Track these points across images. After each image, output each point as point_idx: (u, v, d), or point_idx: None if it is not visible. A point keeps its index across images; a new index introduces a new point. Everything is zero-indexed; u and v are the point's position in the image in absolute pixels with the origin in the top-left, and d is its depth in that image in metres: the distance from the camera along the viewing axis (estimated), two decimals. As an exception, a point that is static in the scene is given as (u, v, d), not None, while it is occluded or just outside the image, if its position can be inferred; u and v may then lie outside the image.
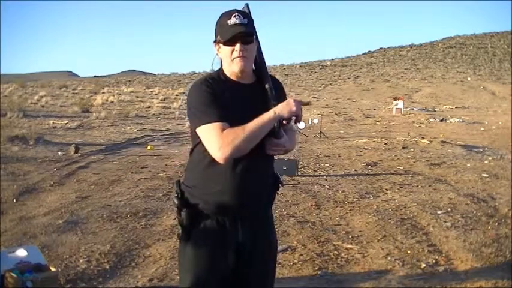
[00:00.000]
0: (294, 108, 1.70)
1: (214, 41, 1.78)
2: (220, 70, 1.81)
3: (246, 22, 1.72)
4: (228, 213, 1.77)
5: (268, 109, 1.73)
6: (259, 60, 1.81)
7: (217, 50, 1.78)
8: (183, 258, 1.83)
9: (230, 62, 1.74)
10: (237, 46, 1.70)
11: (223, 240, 1.77)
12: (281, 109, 1.70)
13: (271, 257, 1.93)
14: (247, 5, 1.80)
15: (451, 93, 36.21)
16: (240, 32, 1.69)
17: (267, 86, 1.78)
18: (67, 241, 4.07)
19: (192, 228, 1.78)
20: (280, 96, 1.82)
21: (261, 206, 1.87)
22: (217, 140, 1.64)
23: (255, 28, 1.78)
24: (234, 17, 1.71)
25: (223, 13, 1.76)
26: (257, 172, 1.79)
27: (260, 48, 1.81)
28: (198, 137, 1.73)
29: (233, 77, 1.78)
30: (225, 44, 1.72)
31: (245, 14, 1.75)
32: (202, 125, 1.68)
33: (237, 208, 1.76)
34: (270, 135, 1.72)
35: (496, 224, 4.65)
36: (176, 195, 1.79)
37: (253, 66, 1.82)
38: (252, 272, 1.84)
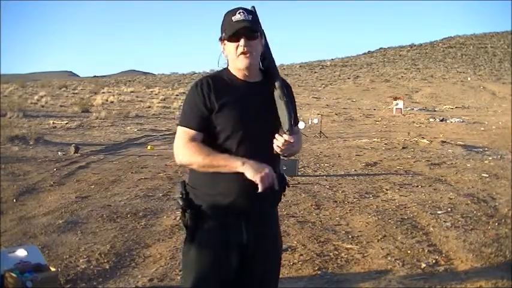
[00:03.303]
0: (258, 178, 1.63)
1: (220, 39, 1.78)
2: (226, 68, 1.81)
3: (250, 18, 1.72)
4: (232, 214, 1.76)
5: (274, 107, 1.74)
6: (268, 57, 1.81)
7: (223, 48, 1.78)
8: (186, 258, 1.82)
9: (235, 58, 1.74)
10: (242, 42, 1.70)
11: (227, 241, 1.77)
12: (251, 166, 1.65)
13: (275, 258, 1.92)
14: (253, 7, 1.80)
15: (451, 93, 36.22)
16: (243, 27, 1.69)
17: (277, 83, 1.76)
18: (67, 241, 4.07)
19: (197, 229, 1.77)
20: (288, 95, 1.81)
21: (267, 206, 1.85)
22: (180, 147, 1.74)
23: (260, 26, 1.78)
24: (239, 13, 1.72)
25: (228, 11, 1.77)
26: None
27: (268, 46, 1.81)
28: (205, 137, 1.74)
29: (239, 75, 1.78)
30: (230, 40, 1.73)
31: (250, 11, 1.75)
32: (180, 125, 1.77)
33: (242, 209, 1.76)
34: (281, 133, 1.70)
35: (496, 224, 4.65)
36: (181, 196, 1.78)
37: (261, 65, 1.81)
38: (256, 273, 1.83)
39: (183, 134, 1.75)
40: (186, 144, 1.72)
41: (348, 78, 47.62)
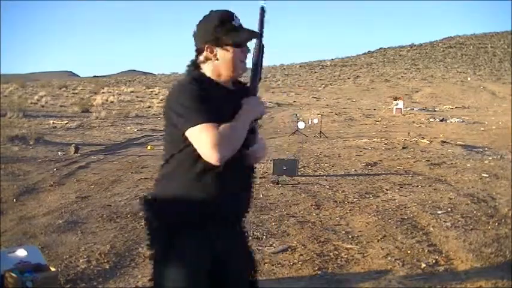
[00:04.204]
0: (261, 107, 1.73)
1: (216, 42, 1.68)
2: (203, 72, 1.72)
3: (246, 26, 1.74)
4: (211, 223, 1.70)
5: None
6: (258, 63, 1.76)
7: (209, 51, 1.69)
8: (164, 266, 1.71)
9: (230, 65, 1.69)
10: (246, 50, 1.71)
11: (203, 250, 1.70)
12: (247, 109, 1.68)
13: (250, 266, 1.89)
14: (262, 8, 1.70)
15: (451, 93, 36.23)
16: (256, 36, 1.69)
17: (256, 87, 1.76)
18: (67, 241, 4.07)
19: (172, 240, 1.68)
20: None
21: (245, 214, 1.84)
22: (212, 139, 1.54)
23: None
24: (236, 17, 1.70)
25: (220, 13, 1.69)
26: (243, 180, 1.77)
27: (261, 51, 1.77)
28: (184, 142, 1.62)
29: (220, 81, 1.72)
30: (236, 46, 1.68)
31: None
32: (196, 125, 1.56)
33: (224, 216, 1.72)
34: (244, 145, 1.68)
35: (496, 224, 4.65)
36: (145, 209, 1.74)
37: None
38: (232, 282, 1.80)
39: (206, 129, 1.56)
40: (217, 135, 1.55)
41: (348, 78, 47.61)
